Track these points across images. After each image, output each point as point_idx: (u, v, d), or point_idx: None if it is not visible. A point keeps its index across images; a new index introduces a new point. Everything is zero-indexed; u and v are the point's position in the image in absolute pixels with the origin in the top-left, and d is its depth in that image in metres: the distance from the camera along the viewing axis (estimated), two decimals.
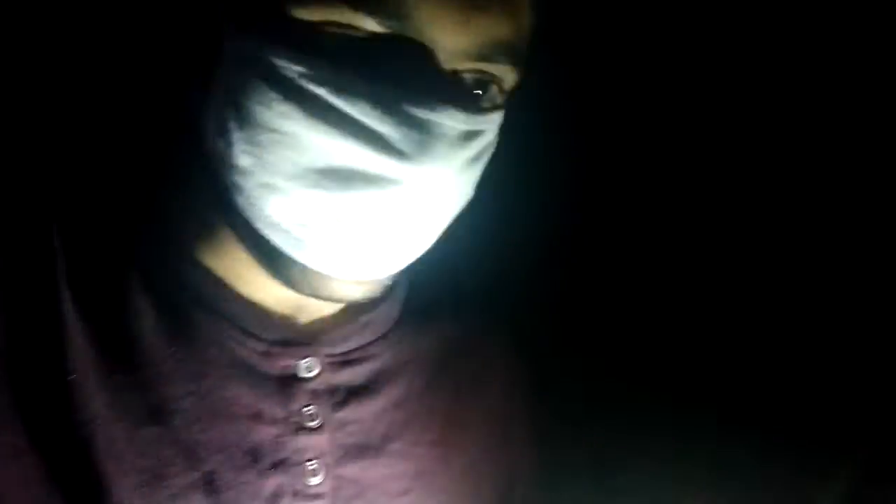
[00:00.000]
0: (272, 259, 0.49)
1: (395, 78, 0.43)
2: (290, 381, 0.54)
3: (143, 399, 0.49)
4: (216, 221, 0.52)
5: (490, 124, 0.48)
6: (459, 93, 0.45)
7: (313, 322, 0.56)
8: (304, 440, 0.53)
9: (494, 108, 0.48)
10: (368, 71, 0.43)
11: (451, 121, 0.44)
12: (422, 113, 0.43)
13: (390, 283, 0.54)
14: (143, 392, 0.50)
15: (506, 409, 0.65)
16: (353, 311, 0.58)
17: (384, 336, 0.59)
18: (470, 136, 0.46)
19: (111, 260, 0.52)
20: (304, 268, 0.49)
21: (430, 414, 0.59)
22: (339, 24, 0.43)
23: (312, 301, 0.55)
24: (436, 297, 0.64)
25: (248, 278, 0.53)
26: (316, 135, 0.44)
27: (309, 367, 0.54)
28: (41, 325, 0.49)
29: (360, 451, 0.55)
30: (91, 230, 0.53)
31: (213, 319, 0.53)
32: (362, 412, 0.56)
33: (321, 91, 0.43)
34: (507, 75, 0.48)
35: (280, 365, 0.54)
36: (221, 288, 0.53)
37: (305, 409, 0.54)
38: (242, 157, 0.46)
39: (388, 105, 0.43)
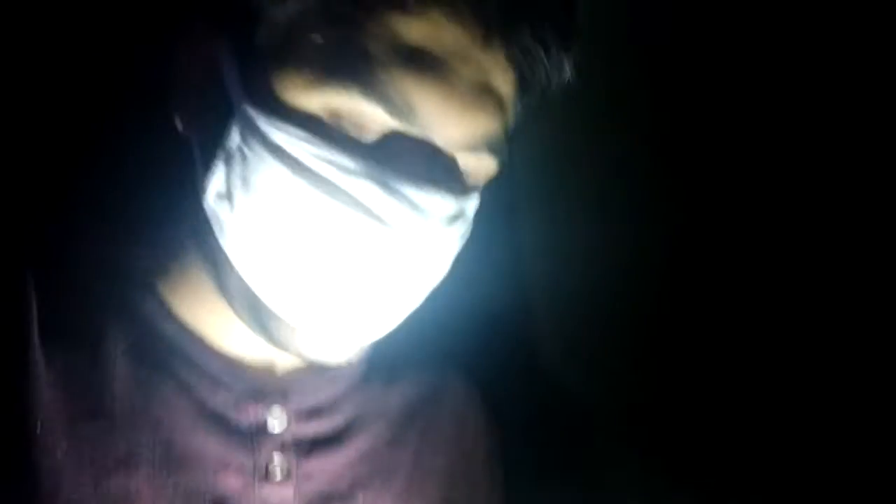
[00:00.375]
0: (263, 319, 0.51)
1: (397, 162, 0.47)
2: (258, 433, 0.55)
3: (110, 448, 0.50)
4: (199, 275, 0.54)
5: (470, 206, 0.52)
6: (451, 178, 0.49)
7: (284, 374, 0.58)
8: (269, 491, 0.54)
9: (473, 191, 0.52)
10: (374, 154, 0.47)
11: (442, 202, 0.48)
12: (415, 195, 0.47)
13: (372, 342, 0.55)
14: (109, 441, 0.50)
15: (470, 464, 0.67)
16: (319, 366, 0.59)
17: (352, 389, 0.60)
18: (454, 217, 0.50)
19: (86, 306, 0.53)
20: (288, 328, 0.51)
21: (395, 466, 0.61)
22: (350, 112, 0.47)
23: (281, 355, 0.57)
24: (402, 353, 0.66)
25: (224, 330, 0.55)
26: (319, 208, 0.47)
27: (276, 419, 0.55)
28: (10, 373, 0.49)
29: (325, 502, 0.56)
30: (67, 276, 0.54)
31: (185, 369, 0.54)
32: (329, 463, 0.57)
33: (328, 170, 0.46)
34: (491, 165, 0.52)
35: (250, 416, 0.55)
36: (196, 338, 0.55)
37: (273, 460, 0.55)
38: (245, 222, 0.48)
39: (389, 186, 0.47)
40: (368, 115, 0.46)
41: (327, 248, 0.48)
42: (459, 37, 0.46)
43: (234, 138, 0.48)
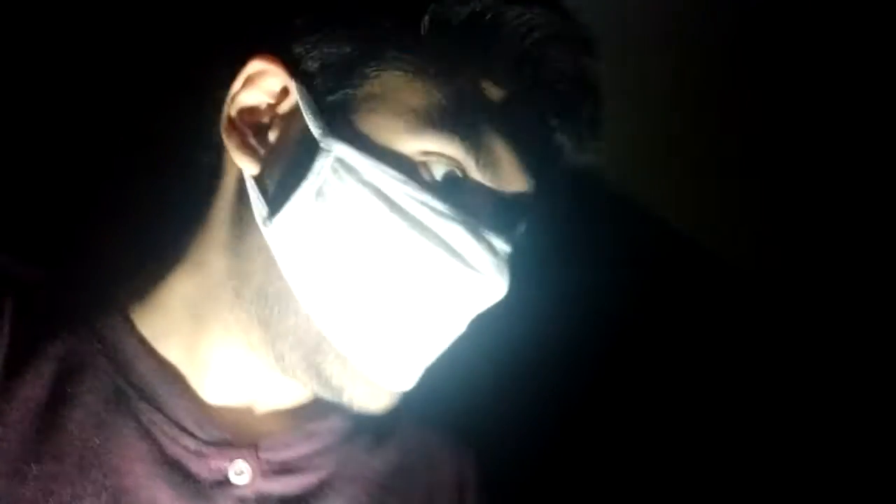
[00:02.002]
0: (321, 363, 0.50)
1: (482, 210, 0.50)
2: (218, 486, 0.51)
3: (61, 492, 0.47)
4: (184, 311, 0.52)
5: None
6: (514, 231, 0.53)
7: (257, 425, 0.54)
8: None
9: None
10: (463, 200, 0.49)
11: (508, 250, 0.51)
12: (497, 243, 0.50)
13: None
14: (61, 485, 0.47)
15: None
16: (301, 418, 0.55)
17: (330, 449, 0.56)
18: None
19: (58, 337, 0.51)
20: (353, 373, 0.50)
21: None
22: (442, 159, 0.49)
23: (261, 403, 0.54)
24: (391, 417, 0.61)
25: (202, 371, 0.52)
26: (408, 247, 0.48)
27: (240, 472, 0.51)
28: None
29: None
30: (42, 303, 0.52)
31: (150, 411, 0.51)
32: None
33: (421, 211, 0.48)
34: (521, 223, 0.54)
35: (211, 467, 0.51)
36: (168, 378, 0.52)
37: None
38: (326, 258, 0.48)
39: (477, 232, 0.49)
40: (460, 164, 0.49)
41: (410, 287, 0.48)
42: (527, 116, 0.51)
43: (322, 173, 0.48)
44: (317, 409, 0.56)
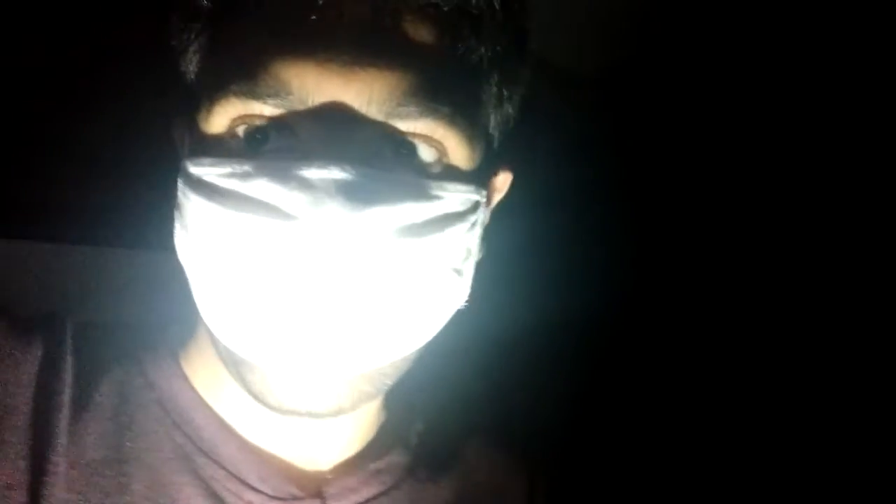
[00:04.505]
0: (242, 372, 0.46)
1: (291, 149, 0.43)
2: None
3: None
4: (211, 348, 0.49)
5: (425, 188, 0.45)
6: (349, 148, 0.43)
7: (318, 471, 0.52)
8: None
9: (427, 172, 0.45)
10: (270, 150, 0.44)
11: (341, 174, 0.41)
12: (310, 173, 0.41)
13: (370, 390, 0.48)
14: None
15: None
16: (362, 459, 0.53)
17: (396, 486, 0.54)
18: (374, 194, 0.42)
19: (113, 389, 0.50)
20: (260, 373, 0.45)
21: None
22: (244, 117, 0.44)
23: (315, 445, 0.52)
24: (454, 441, 0.59)
25: (247, 420, 0.50)
26: (237, 228, 0.43)
27: None
28: (28, 476, 0.46)
29: None
30: (97, 352, 0.51)
31: (212, 467, 0.49)
32: None
33: (232, 183, 0.43)
34: (445, 137, 0.45)
35: None
36: (225, 432, 0.50)
37: None
38: (197, 269, 0.45)
39: (282, 173, 0.42)
40: (260, 117, 0.43)
41: (255, 262, 0.43)
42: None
43: (179, 193, 0.46)
44: (376, 447, 0.55)
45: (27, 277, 0.82)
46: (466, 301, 0.49)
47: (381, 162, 0.43)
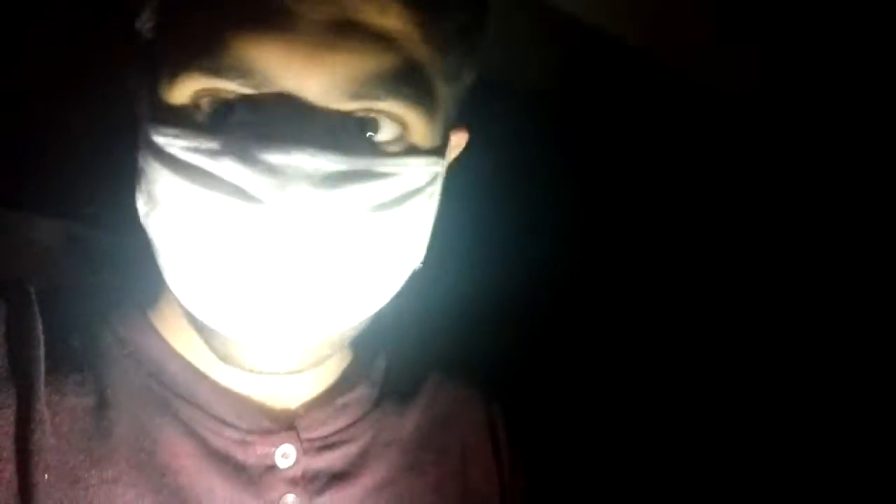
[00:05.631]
0: (207, 336, 0.50)
1: (257, 130, 0.43)
2: (267, 471, 0.53)
3: (115, 497, 0.48)
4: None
5: (388, 167, 0.46)
6: (315, 133, 0.44)
7: (289, 408, 0.55)
8: None
9: (389, 150, 0.47)
10: (236, 129, 0.44)
11: (308, 160, 0.43)
12: (275, 158, 0.43)
13: (330, 352, 0.52)
14: (116, 490, 0.48)
15: (492, 484, 0.64)
16: (330, 395, 0.57)
17: (362, 418, 0.58)
18: (343, 176, 0.44)
19: (88, 343, 0.52)
20: (223, 337, 0.49)
21: (413, 494, 0.58)
22: (210, 94, 0.45)
23: (285, 386, 0.55)
24: (417, 374, 0.63)
25: (219, 366, 0.53)
26: (201, 201, 0.44)
27: (286, 455, 0.53)
28: (18, 421, 0.48)
29: None
30: (69, 310, 0.53)
31: (189, 409, 0.52)
32: (343, 497, 0.55)
33: (197, 159, 0.44)
34: (408, 115, 0.46)
35: (257, 454, 0.53)
36: (198, 377, 0.53)
37: (284, 497, 0.52)
38: (160, 237, 0.47)
39: (248, 156, 0.43)
40: (225, 92, 0.44)
41: (221, 241, 0.44)
42: None
43: (141, 156, 0.47)
44: (343, 383, 0.58)
45: None
46: (422, 262, 0.52)
47: (344, 141, 0.44)
